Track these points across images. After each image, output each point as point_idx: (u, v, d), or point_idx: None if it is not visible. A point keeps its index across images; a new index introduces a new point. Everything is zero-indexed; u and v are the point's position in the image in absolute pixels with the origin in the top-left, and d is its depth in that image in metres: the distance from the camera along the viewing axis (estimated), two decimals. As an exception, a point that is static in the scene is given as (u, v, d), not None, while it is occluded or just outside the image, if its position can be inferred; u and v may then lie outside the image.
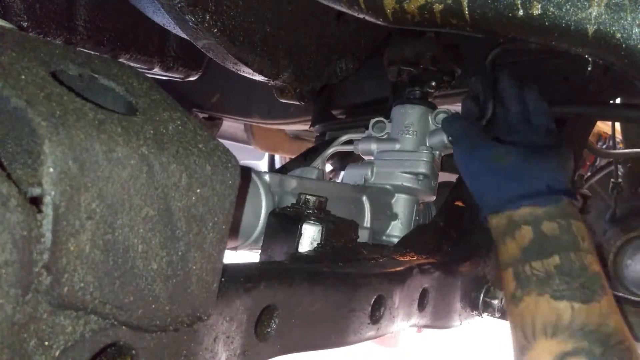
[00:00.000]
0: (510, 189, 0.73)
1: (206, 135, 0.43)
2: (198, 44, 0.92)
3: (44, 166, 0.31)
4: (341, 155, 1.27)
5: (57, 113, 0.32)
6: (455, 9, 0.59)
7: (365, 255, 0.73)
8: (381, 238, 0.95)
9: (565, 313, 0.65)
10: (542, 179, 0.72)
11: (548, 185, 0.71)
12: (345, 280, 0.63)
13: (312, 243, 0.66)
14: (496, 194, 0.75)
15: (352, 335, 0.65)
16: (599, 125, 1.63)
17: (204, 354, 0.44)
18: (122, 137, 0.35)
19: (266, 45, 0.97)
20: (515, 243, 0.72)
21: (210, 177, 0.40)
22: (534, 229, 0.70)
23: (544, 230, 0.70)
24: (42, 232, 0.31)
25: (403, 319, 0.74)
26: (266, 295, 0.52)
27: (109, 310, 0.35)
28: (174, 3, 0.82)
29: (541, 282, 0.68)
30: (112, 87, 0.42)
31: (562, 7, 0.53)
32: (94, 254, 0.33)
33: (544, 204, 0.71)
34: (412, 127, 0.99)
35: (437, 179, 1.00)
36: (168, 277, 0.38)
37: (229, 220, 0.43)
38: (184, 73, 1.51)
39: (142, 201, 0.36)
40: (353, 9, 0.67)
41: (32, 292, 0.31)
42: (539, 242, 0.70)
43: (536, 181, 0.72)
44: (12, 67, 0.35)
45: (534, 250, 0.70)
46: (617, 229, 1.49)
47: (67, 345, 0.33)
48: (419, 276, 0.76)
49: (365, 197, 0.88)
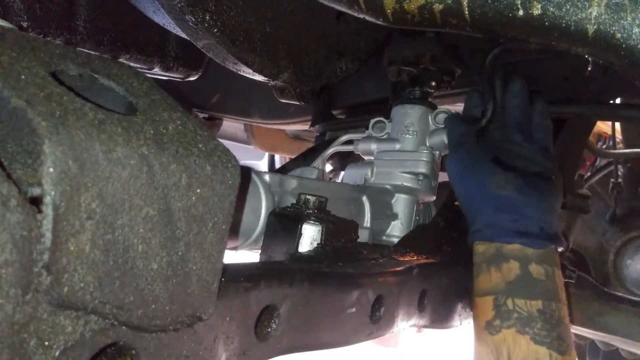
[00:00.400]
0: (504, 223, 0.73)
1: (206, 135, 0.43)
2: (198, 44, 0.92)
3: (44, 166, 0.31)
4: (341, 155, 1.27)
5: (57, 113, 0.32)
6: (455, 9, 0.59)
7: (365, 255, 0.73)
8: (381, 238, 0.95)
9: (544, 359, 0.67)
10: (536, 221, 0.73)
11: (541, 227, 0.72)
12: (345, 280, 0.63)
13: (312, 243, 0.66)
14: (489, 224, 0.75)
15: (352, 335, 0.65)
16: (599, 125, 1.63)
17: (204, 354, 0.44)
18: (122, 137, 0.35)
19: (266, 45, 0.97)
20: (499, 274, 0.72)
21: (210, 177, 0.40)
22: (521, 267, 0.71)
23: (531, 271, 0.70)
24: (42, 232, 0.31)
25: (403, 319, 0.74)
26: (266, 295, 0.52)
27: (109, 310, 0.35)
28: (174, 3, 0.82)
29: (523, 322, 0.69)
30: (112, 87, 0.42)
31: (562, 7, 0.53)
32: (94, 254, 0.33)
33: (534, 246, 0.71)
34: (412, 127, 0.99)
35: (437, 179, 1.00)
36: (168, 277, 0.38)
37: (229, 220, 0.43)
38: (184, 73, 1.51)
39: (142, 201, 0.36)
40: (353, 9, 0.67)
41: (32, 292, 0.31)
42: (525, 281, 0.70)
43: (530, 222, 0.73)
44: (12, 67, 0.35)
45: (519, 287, 0.70)
46: (617, 229, 1.49)
47: (67, 345, 0.33)
48: (419, 276, 0.76)
49: (365, 197, 0.88)
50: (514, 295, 0.70)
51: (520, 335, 0.68)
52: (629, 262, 1.45)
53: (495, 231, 0.74)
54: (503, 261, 0.72)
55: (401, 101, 1.02)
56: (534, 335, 0.68)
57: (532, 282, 0.70)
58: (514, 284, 0.71)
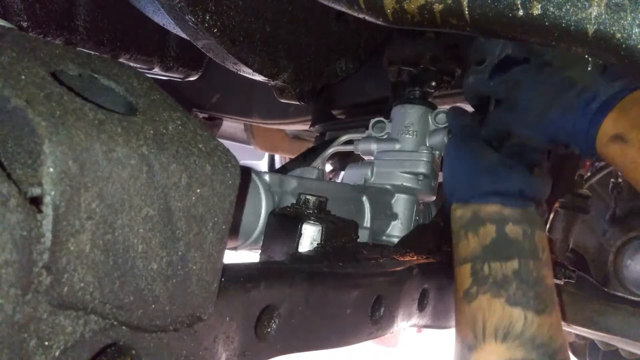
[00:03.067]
0: (483, 183, 0.72)
1: (206, 135, 0.43)
2: (198, 44, 0.92)
3: (44, 166, 0.31)
4: (341, 155, 1.27)
5: (57, 113, 0.32)
6: (455, 9, 0.59)
7: (365, 255, 0.73)
8: (381, 238, 0.95)
9: (518, 321, 0.65)
10: (516, 183, 0.71)
11: (520, 189, 0.71)
12: (345, 280, 0.63)
13: (312, 243, 0.66)
14: (467, 186, 0.74)
15: (352, 335, 0.65)
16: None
17: (204, 354, 0.44)
18: (122, 137, 0.35)
19: (266, 45, 0.97)
20: (477, 239, 0.71)
21: (210, 177, 0.40)
22: (497, 229, 0.69)
23: (507, 232, 0.69)
24: (42, 232, 0.31)
25: (403, 319, 0.74)
26: (266, 295, 0.52)
27: (109, 310, 0.35)
28: (174, 3, 0.82)
29: (497, 285, 0.67)
30: (112, 87, 0.42)
31: (562, 7, 0.53)
32: (94, 254, 0.33)
33: (512, 205, 0.70)
34: (412, 127, 0.99)
35: (437, 179, 1.00)
36: (168, 277, 0.38)
37: (229, 220, 0.43)
38: (184, 73, 1.51)
39: (142, 201, 0.36)
40: (353, 9, 0.67)
41: (32, 292, 0.31)
42: (500, 243, 0.69)
43: (510, 183, 0.71)
44: (12, 67, 0.35)
45: (494, 250, 0.69)
46: (617, 229, 1.49)
47: (67, 345, 0.33)
48: (419, 276, 0.76)
49: (365, 197, 0.88)
50: (490, 259, 0.69)
51: (495, 299, 0.67)
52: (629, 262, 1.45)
53: (473, 192, 0.73)
54: (480, 224, 0.71)
55: (401, 101, 1.02)
56: (508, 297, 0.66)
57: (507, 243, 0.69)
58: (490, 248, 0.69)
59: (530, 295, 0.66)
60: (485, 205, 0.71)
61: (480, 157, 0.74)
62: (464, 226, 0.73)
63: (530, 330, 0.65)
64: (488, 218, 0.70)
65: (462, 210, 0.74)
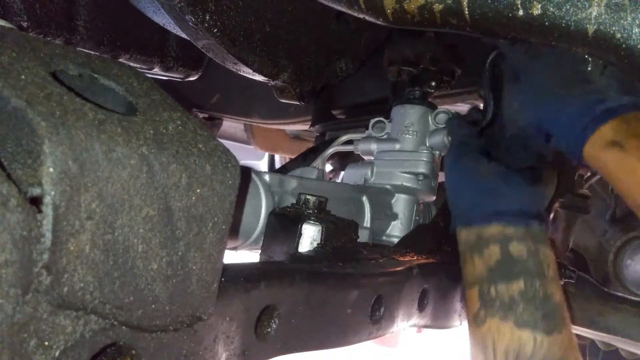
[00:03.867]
0: (484, 205, 0.73)
1: (206, 135, 0.43)
2: (198, 44, 0.92)
3: (44, 166, 0.31)
4: (341, 155, 1.27)
5: (57, 113, 0.32)
6: (455, 9, 0.59)
7: (365, 255, 0.73)
8: (381, 238, 0.95)
9: (527, 343, 0.65)
10: (516, 201, 0.72)
11: (521, 207, 0.71)
12: (345, 280, 0.63)
13: (312, 243, 0.66)
14: (469, 207, 0.74)
15: (352, 335, 0.65)
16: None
17: (204, 354, 0.44)
18: (122, 137, 0.35)
19: (266, 45, 0.97)
20: (482, 262, 0.71)
21: (210, 177, 0.40)
22: (501, 249, 0.70)
23: (511, 251, 0.69)
24: (42, 232, 0.31)
25: (403, 319, 0.74)
26: (266, 295, 0.52)
27: (109, 310, 0.35)
28: (174, 3, 0.82)
29: (505, 307, 0.67)
30: (112, 87, 0.42)
31: (562, 7, 0.53)
32: (94, 254, 0.33)
33: (515, 224, 0.70)
34: (412, 127, 0.99)
35: (437, 179, 1.00)
36: (168, 277, 0.38)
37: (229, 220, 0.43)
38: (184, 73, 1.51)
39: (142, 201, 0.36)
40: (353, 9, 0.67)
41: (32, 292, 0.31)
42: (505, 263, 0.69)
43: (510, 202, 0.72)
44: (12, 67, 0.35)
45: (500, 271, 0.69)
46: (617, 229, 1.49)
47: (67, 345, 0.33)
48: (419, 276, 0.76)
49: (365, 197, 0.88)
50: (496, 282, 0.69)
51: (504, 322, 0.67)
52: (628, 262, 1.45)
53: (474, 214, 0.73)
54: (484, 246, 0.71)
55: (401, 101, 1.02)
56: (516, 319, 0.66)
57: (512, 263, 0.69)
58: (495, 269, 0.69)
59: (538, 315, 0.66)
60: (488, 226, 0.71)
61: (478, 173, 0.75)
62: (470, 249, 0.73)
63: (540, 352, 0.65)
64: (492, 239, 0.71)
65: (466, 233, 0.74)
